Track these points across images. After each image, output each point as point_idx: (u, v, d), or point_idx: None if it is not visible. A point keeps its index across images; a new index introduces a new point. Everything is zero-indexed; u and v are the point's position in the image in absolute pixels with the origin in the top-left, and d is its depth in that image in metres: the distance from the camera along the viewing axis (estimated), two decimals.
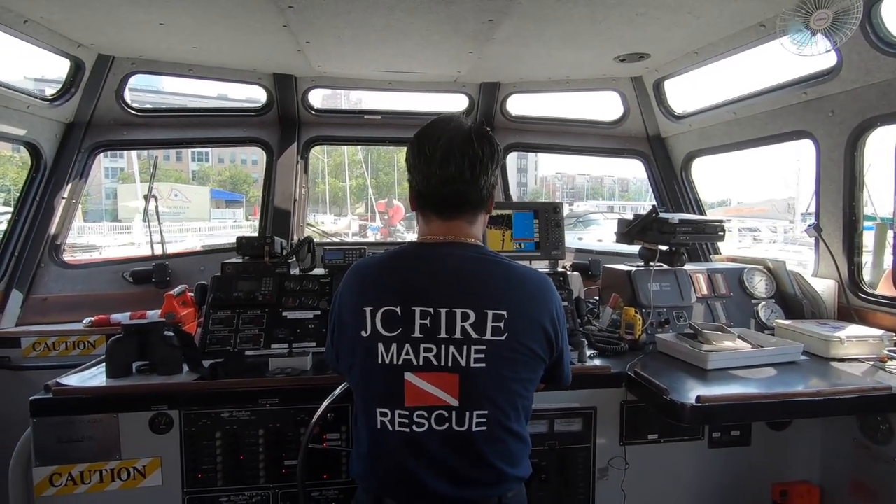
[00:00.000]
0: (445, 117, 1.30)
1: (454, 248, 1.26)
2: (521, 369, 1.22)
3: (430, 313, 1.18)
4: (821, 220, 2.34)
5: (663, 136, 3.31)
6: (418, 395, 1.18)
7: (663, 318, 2.29)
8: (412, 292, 1.20)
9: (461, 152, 1.22)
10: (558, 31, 2.35)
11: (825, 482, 2.04)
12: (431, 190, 1.26)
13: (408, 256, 1.29)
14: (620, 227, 2.51)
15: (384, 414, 1.19)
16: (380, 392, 1.21)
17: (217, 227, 25.94)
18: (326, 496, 1.81)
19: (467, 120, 1.30)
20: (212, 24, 2.29)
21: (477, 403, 1.18)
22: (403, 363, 1.18)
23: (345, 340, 1.26)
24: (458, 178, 1.23)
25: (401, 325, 1.19)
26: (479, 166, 1.24)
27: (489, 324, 1.18)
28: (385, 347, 1.19)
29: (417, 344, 1.18)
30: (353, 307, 1.24)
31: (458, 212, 1.28)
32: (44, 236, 2.72)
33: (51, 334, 2.52)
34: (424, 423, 1.18)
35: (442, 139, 1.23)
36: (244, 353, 2.05)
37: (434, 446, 1.18)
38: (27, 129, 2.54)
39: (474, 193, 1.26)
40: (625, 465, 1.93)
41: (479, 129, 1.27)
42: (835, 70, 2.13)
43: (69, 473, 1.65)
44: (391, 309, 1.19)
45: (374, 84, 3.22)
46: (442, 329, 1.18)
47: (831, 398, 1.63)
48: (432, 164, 1.23)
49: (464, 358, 1.17)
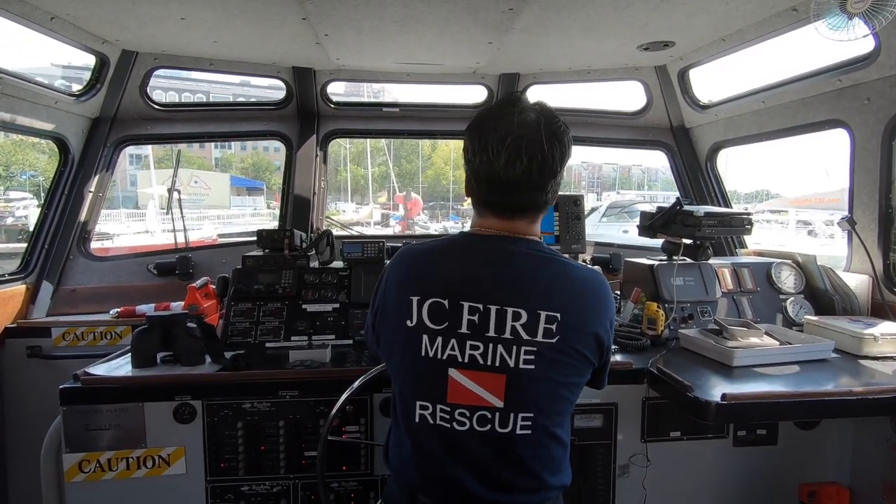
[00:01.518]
0: (510, 103, 1.18)
1: (510, 243, 1.19)
2: (570, 373, 1.17)
3: (480, 310, 1.13)
4: (854, 212, 2.26)
5: (688, 126, 3.22)
6: (461, 392, 1.13)
7: (687, 313, 2.24)
8: (462, 286, 1.15)
9: (529, 155, 1.12)
10: (580, 20, 2.30)
11: (855, 484, 1.98)
12: (492, 191, 1.18)
13: (461, 247, 1.23)
14: (643, 220, 2.46)
15: (424, 407, 1.16)
16: (421, 385, 1.17)
17: (236, 215, 25.85)
18: (346, 488, 1.82)
19: (534, 108, 1.17)
20: (232, 18, 2.30)
21: (523, 406, 1.13)
22: (448, 359, 1.13)
23: (387, 326, 1.22)
24: (524, 183, 1.14)
25: (448, 319, 1.14)
26: (547, 171, 1.15)
27: (541, 325, 1.12)
28: (430, 340, 1.14)
29: (464, 340, 1.13)
30: (399, 294, 1.19)
31: (519, 214, 1.20)
32: (72, 229, 2.79)
33: (80, 324, 2.59)
34: (466, 422, 1.13)
35: (509, 137, 1.12)
36: (265, 344, 2.07)
37: (474, 447, 1.14)
38: (55, 124, 2.60)
39: (539, 198, 1.18)
40: (646, 463, 1.90)
41: (551, 125, 1.15)
42: (872, 56, 2.04)
43: (97, 460, 1.70)
44: (439, 301, 1.14)
45: (393, 76, 3.20)
46: (491, 327, 1.12)
47: (864, 398, 1.57)
48: (496, 164, 1.13)
49: (512, 358, 1.12)
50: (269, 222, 21.14)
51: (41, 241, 2.72)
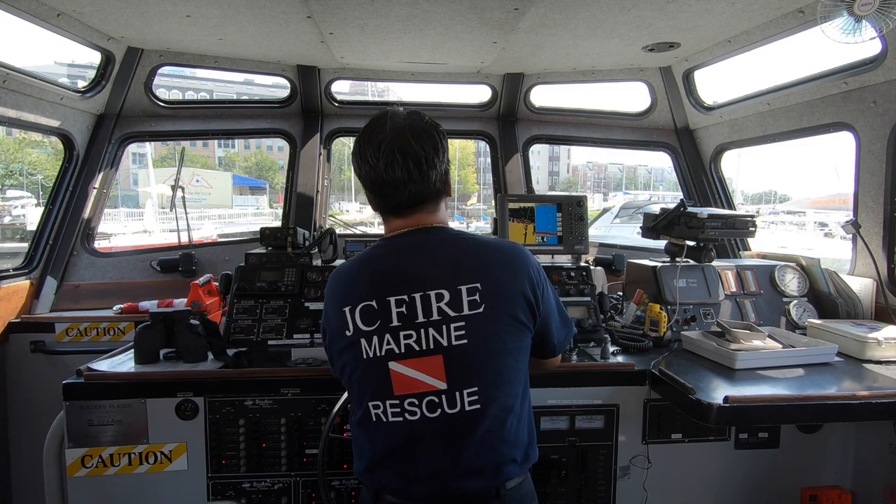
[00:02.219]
0: (380, 116, 1.27)
1: (418, 235, 1.26)
2: (505, 339, 1.21)
3: (405, 300, 1.18)
4: (859, 216, 2.25)
5: (692, 128, 3.21)
6: (406, 383, 1.18)
7: (689, 315, 2.23)
8: (385, 284, 1.21)
9: (403, 155, 1.20)
10: (585, 20, 2.30)
11: (857, 488, 1.97)
12: (384, 196, 1.25)
13: (378, 252, 1.29)
14: (646, 221, 2.45)
15: (376, 406, 1.20)
16: (369, 386, 1.21)
17: (238, 215, 25.61)
18: (347, 486, 1.83)
19: (401, 114, 1.26)
20: (237, 16, 2.31)
21: (465, 381, 1.17)
22: (386, 353, 1.18)
23: (335, 344, 1.27)
24: (407, 180, 1.22)
25: (379, 318, 1.19)
26: (424, 163, 1.22)
27: (464, 299, 1.17)
28: (367, 342, 1.20)
29: (396, 332, 1.18)
30: (335, 310, 1.25)
31: (415, 209, 1.27)
32: (76, 225, 2.80)
33: (83, 320, 2.60)
34: (416, 410, 1.17)
35: (383, 143, 1.21)
36: (267, 342, 2.07)
37: (429, 435, 1.18)
38: (61, 121, 2.61)
39: (427, 189, 1.25)
40: (647, 464, 1.89)
41: (416, 124, 1.24)
42: (878, 59, 2.03)
43: (99, 455, 1.70)
44: (368, 304, 1.20)
45: (397, 75, 3.20)
46: (419, 313, 1.18)
47: (867, 402, 1.56)
48: (377, 170, 1.22)
49: (444, 337, 1.17)
50: (272, 222, 20.95)
51: (45, 237, 2.73)
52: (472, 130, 3.45)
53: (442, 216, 1.32)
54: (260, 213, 28.65)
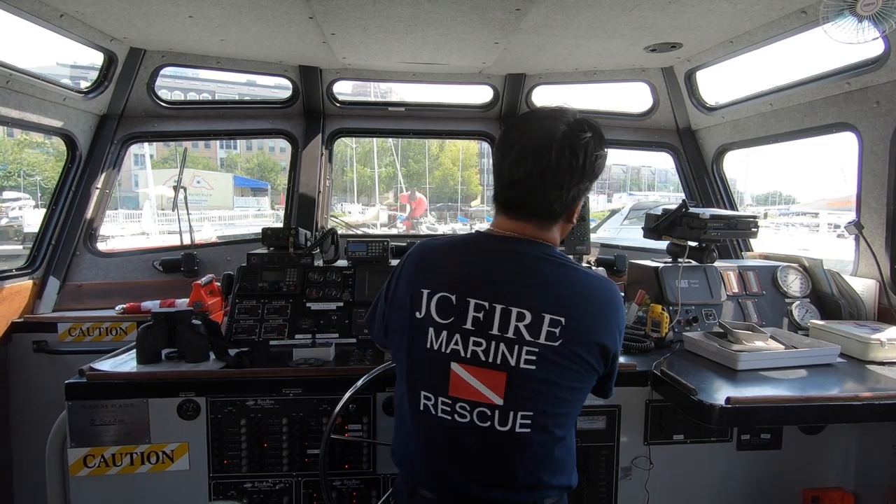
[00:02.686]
0: (542, 111, 1.20)
1: (522, 245, 1.20)
2: (570, 377, 1.17)
3: (485, 307, 1.15)
4: (862, 216, 2.24)
5: (694, 128, 3.21)
6: (463, 387, 1.15)
7: (691, 315, 2.23)
8: (470, 282, 1.17)
9: (534, 159, 1.14)
10: (587, 20, 2.29)
11: (860, 489, 1.97)
12: (501, 188, 1.21)
13: (473, 245, 1.25)
14: (648, 222, 2.45)
15: (427, 398, 1.19)
16: (425, 376, 1.19)
17: (239, 216, 25.29)
18: (348, 486, 1.83)
19: (567, 119, 1.17)
20: (239, 16, 2.31)
21: (522, 405, 1.14)
22: (451, 352, 1.16)
23: (398, 316, 1.25)
24: (525, 184, 1.16)
25: (454, 314, 1.16)
26: (549, 177, 1.14)
27: (545, 327, 1.13)
28: (435, 333, 1.17)
29: (467, 336, 1.15)
30: (410, 286, 1.22)
31: (526, 216, 1.21)
32: (79, 225, 2.81)
33: (85, 320, 2.60)
34: (467, 415, 1.15)
35: (524, 139, 1.15)
36: (268, 342, 2.08)
37: (473, 441, 1.16)
38: (63, 121, 2.62)
39: (541, 204, 1.18)
40: (649, 465, 1.89)
41: (570, 137, 1.14)
42: (881, 59, 2.02)
43: (101, 455, 1.71)
44: (447, 296, 1.17)
45: (398, 76, 3.21)
46: (495, 325, 1.14)
47: (869, 403, 1.56)
48: (504, 163, 1.17)
49: (513, 357, 1.13)
50: (273, 224, 20.59)
51: (48, 237, 2.74)
52: (473, 131, 3.45)
53: (552, 236, 1.23)
54: (261, 214, 28.38)
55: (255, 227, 19.86)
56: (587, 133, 1.17)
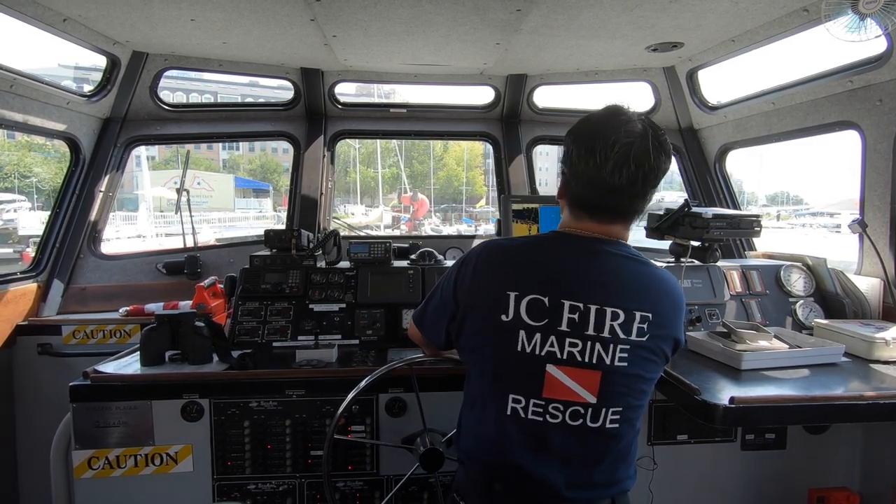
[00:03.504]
0: (616, 112, 1.20)
1: (605, 245, 1.22)
2: (652, 369, 1.21)
3: (580, 308, 1.16)
4: (865, 215, 2.23)
5: (696, 127, 3.20)
6: (557, 387, 1.16)
7: (694, 315, 2.22)
8: (562, 284, 1.17)
9: (637, 164, 1.13)
10: (588, 20, 2.30)
11: (865, 489, 1.96)
12: (593, 196, 1.20)
13: (556, 245, 1.25)
14: (650, 221, 2.44)
15: (517, 401, 1.18)
16: (515, 379, 1.19)
17: (239, 218, 24.91)
18: (352, 487, 1.83)
19: (639, 118, 1.18)
20: (241, 19, 2.32)
21: (614, 401, 1.17)
22: (547, 355, 1.16)
23: (475, 319, 1.23)
24: (627, 190, 1.16)
25: (547, 317, 1.16)
26: (651, 180, 1.17)
27: (635, 324, 1.16)
28: (527, 336, 1.17)
29: (563, 337, 1.16)
30: (491, 288, 1.21)
31: (616, 219, 1.23)
32: (83, 228, 2.82)
33: (89, 322, 2.62)
34: (559, 415, 1.16)
35: (618, 144, 1.13)
36: (272, 344, 2.08)
37: (563, 440, 1.17)
38: (67, 125, 2.63)
39: (639, 205, 1.21)
40: (653, 466, 1.88)
41: (657, 136, 1.16)
42: (884, 56, 2.01)
43: (106, 457, 1.71)
44: (538, 298, 1.17)
45: (400, 77, 3.21)
46: (590, 325, 1.15)
47: (874, 402, 1.55)
48: (602, 170, 1.14)
49: (608, 356, 1.15)
50: (274, 226, 20.31)
51: (52, 240, 2.75)
52: (475, 132, 3.45)
53: (629, 235, 1.28)
54: (262, 215, 28.00)
55: (256, 229, 19.50)
56: (663, 131, 1.20)
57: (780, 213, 23.79)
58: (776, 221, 22.57)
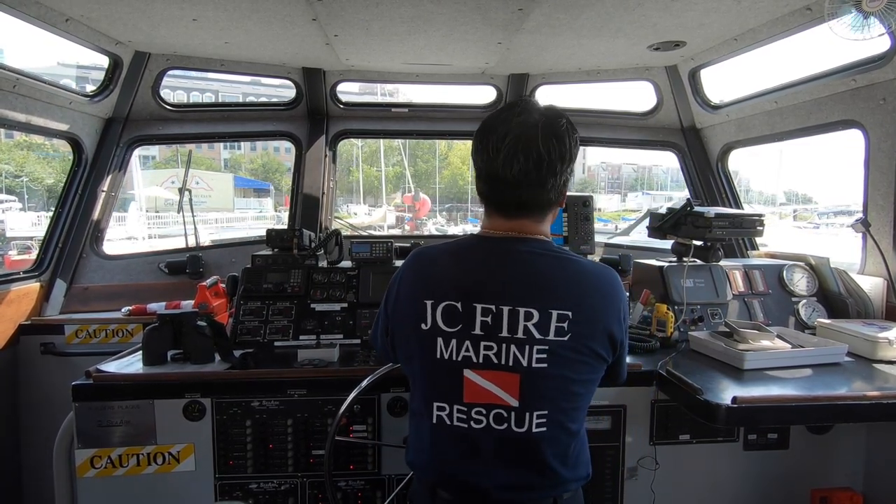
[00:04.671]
0: (513, 104, 1.20)
1: (519, 244, 1.20)
2: (582, 370, 1.17)
3: (492, 311, 1.14)
4: (869, 214, 2.22)
5: (699, 126, 3.19)
6: (477, 392, 1.15)
7: (697, 315, 2.22)
8: (474, 288, 1.16)
9: (525, 153, 1.13)
10: (590, 20, 2.29)
11: (869, 490, 1.95)
12: (493, 190, 1.20)
13: (470, 250, 1.24)
14: (653, 221, 2.44)
15: (441, 408, 1.17)
16: (438, 386, 1.19)
17: (237, 219, 24.01)
18: (353, 487, 1.83)
19: (538, 109, 1.18)
20: (243, 19, 2.32)
21: (537, 404, 1.14)
22: (463, 360, 1.15)
23: (402, 329, 1.24)
24: (522, 181, 1.15)
25: (461, 322, 1.15)
26: (545, 168, 1.14)
27: (553, 324, 1.13)
28: (444, 343, 1.16)
29: (478, 341, 1.15)
30: (412, 298, 1.21)
31: (523, 212, 1.21)
32: (85, 228, 2.83)
33: (92, 322, 2.62)
34: (483, 419, 1.15)
35: (508, 136, 1.13)
36: (273, 343, 2.08)
37: (491, 445, 1.15)
38: (69, 125, 2.64)
39: (540, 196, 1.18)
40: (655, 466, 1.88)
41: (551, 125, 1.15)
42: (888, 55, 2.00)
43: (108, 456, 1.72)
44: (452, 304, 1.16)
45: (402, 77, 3.21)
46: (504, 328, 1.14)
47: (878, 402, 1.54)
48: (494, 163, 1.15)
49: (525, 358, 1.13)
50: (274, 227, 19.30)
51: (55, 240, 2.76)
52: None
53: (546, 228, 1.25)
54: (262, 216, 26.99)
55: (255, 230, 18.56)
56: (562, 118, 1.19)
57: (796, 212, 23.03)
58: (794, 220, 21.58)
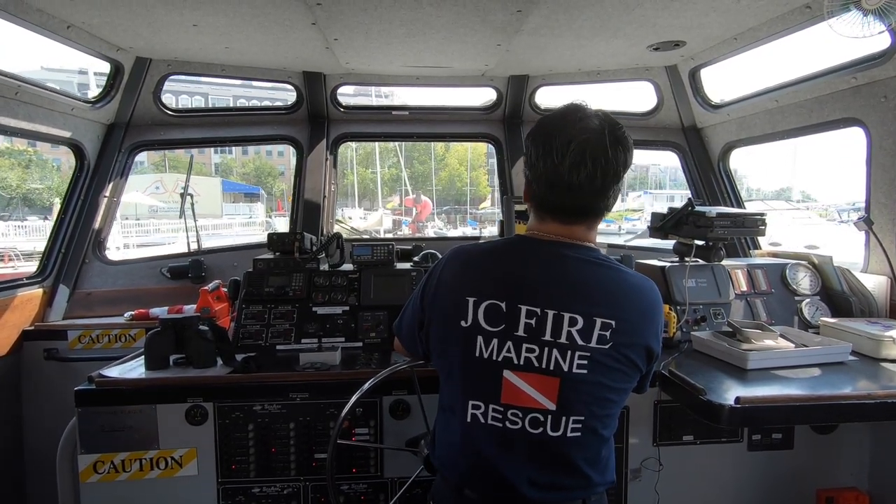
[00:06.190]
0: (572, 110, 1.19)
1: (569, 249, 1.20)
2: (619, 379, 1.18)
3: (537, 314, 1.14)
4: (871, 212, 2.21)
5: (699, 126, 3.19)
6: (515, 393, 1.15)
7: (699, 315, 2.21)
8: (520, 289, 1.16)
9: (593, 160, 1.12)
10: (589, 20, 2.29)
11: (874, 489, 1.94)
12: (554, 195, 1.18)
13: (518, 250, 1.24)
14: (654, 221, 2.43)
15: (476, 406, 1.17)
16: (474, 384, 1.18)
17: (225, 225, 22.45)
18: (356, 490, 1.83)
19: (596, 114, 1.17)
20: (243, 24, 2.33)
21: (574, 409, 1.15)
22: (503, 360, 1.15)
23: (439, 325, 1.24)
24: (586, 187, 1.14)
25: (504, 322, 1.15)
26: (611, 175, 1.15)
27: (596, 331, 1.14)
28: (485, 342, 1.16)
29: (520, 343, 1.15)
30: (453, 294, 1.21)
31: (580, 218, 1.21)
32: (87, 233, 2.84)
33: (95, 327, 2.63)
34: (518, 421, 1.15)
35: (573, 142, 1.12)
36: (275, 347, 2.08)
37: (524, 447, 1.16)
38: (71, 131, 2.65)
39: (599, 202, 1.18)
40: (659, 467, 1.87)
41: (614, 132, 1.15)
42: (888, 53, 2.00)
43: (111, 461, 1.72)
44: (495, 303, 1.16)
45: (402, 80, 3.22)
46: (547, 331, 1.14)
47: (882, 401, 1.53)
48: (560, 168, 1.13)
49: (566, 363, 1.13)
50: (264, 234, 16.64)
51: (57, 246, 2.77)
52: (477, 133, 3.45)
53: (594, 236, 1.25)
54: (251, 222, 25.16)
55: (243, 237, 16.90)
56: (621, 125, 1.18)
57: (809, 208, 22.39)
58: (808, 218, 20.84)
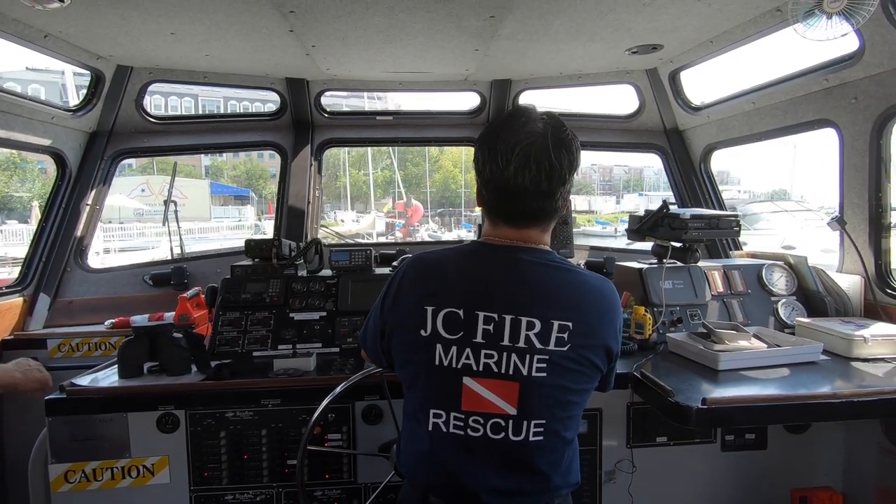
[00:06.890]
0: (518, 114, 1.20)
1: (523, 253, 1.21)
2: (580, 380, 1.19)
3: (494, 319, 1.15)
4: (844, 212, 2.23)
5: (681, 128, 3.21)
6: (476, 400, 1.15)
7: (676, 316, 2.22)
8: (477, 296, 1.17)
9: (538, 164, 1.13)
10: (564, 25, 2.31)
11: (848, 488, 1.94)
12: (503, 200, 1.19)
13: (474, 257, 1.24)
14: (631, 223, 2.45)
15: (438, 415, 1.18)
16: (435, 393, 1.19)
17: (212, 229, 21.71)
18: (329, 496, 1.82)
19: (540, 117, 1.19)
20: (220, 32, 2.34)
21: (535, 413, 1.15)
22: (463, 367, 1.16)
23: (400, 334, 1.24)
24: (532, 191, 1.15)
25: (462, 329, 1.16)
26: (556, 178, 1.15)
27: (553, 334, 1.14)
28: (444, 350, 1.16)
29: (479, 349, 1.15)
30: (412, 303, 1.21)
31: (531, 222, 1.21)
32: (69, 242, 2.84)
33: (75, 336, 2.62)
34: (480, 428, 1.15)
35: (518, 146, 1.13)
36: (252, 353, 2.08)
37: (487, 453, 1.16)
38: (52, 140, 2.65)
39: (548, 205, 1.19)
40: (632, 469, 1.87)
41: (557, 134, 1.16)
42: (857, 55, 2.02)
43: (83, 471, 1.71)
44: (453, 311, 1.16)
45: (385, 85, 3.23)
46: (505, 336, 1.15)
47: (850, 400, 1.54)
48: (506, 173, 1.15)
49: (525, 367, 1.14)
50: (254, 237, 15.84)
51: (38, 254, 2.76)
52: (462, 137, 3.47)
53: (548, 238, 1.26)
54: (240, 225, 24.51)
55: (231, 241, 16.59)
56: (565, 126, 1.19)
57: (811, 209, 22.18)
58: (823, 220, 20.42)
